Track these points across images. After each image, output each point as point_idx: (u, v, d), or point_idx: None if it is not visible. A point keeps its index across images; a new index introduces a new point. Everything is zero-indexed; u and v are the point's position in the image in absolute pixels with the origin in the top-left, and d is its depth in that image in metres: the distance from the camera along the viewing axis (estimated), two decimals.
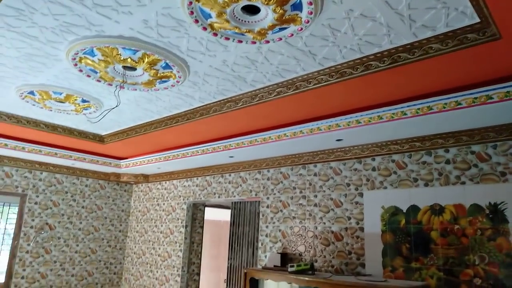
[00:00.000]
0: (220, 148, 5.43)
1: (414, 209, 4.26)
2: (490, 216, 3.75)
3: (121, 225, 8.13)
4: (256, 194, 5.95)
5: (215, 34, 2.77)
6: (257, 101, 3.93)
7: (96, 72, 3.52)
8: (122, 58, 3.16)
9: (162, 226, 7.45)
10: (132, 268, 7.85)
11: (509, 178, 3.73)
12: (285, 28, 2.66)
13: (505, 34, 2.54)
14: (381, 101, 3.78)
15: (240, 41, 2.84)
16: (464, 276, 3.78)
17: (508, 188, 3.70)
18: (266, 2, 2.35)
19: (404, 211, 4.32)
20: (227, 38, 2.81)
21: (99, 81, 3.71)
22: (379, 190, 4.59)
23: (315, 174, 5.28)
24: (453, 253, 3.89)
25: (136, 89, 3.87)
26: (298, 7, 2.40)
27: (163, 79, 3.61)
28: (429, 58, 2.90)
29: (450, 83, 3.31)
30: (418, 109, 3.61)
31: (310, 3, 2.35)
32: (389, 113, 3.77)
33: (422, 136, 4.25)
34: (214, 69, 3.41)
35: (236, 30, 2.67)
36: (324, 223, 5.01)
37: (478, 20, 2.51)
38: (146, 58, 3.16)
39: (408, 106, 3.65)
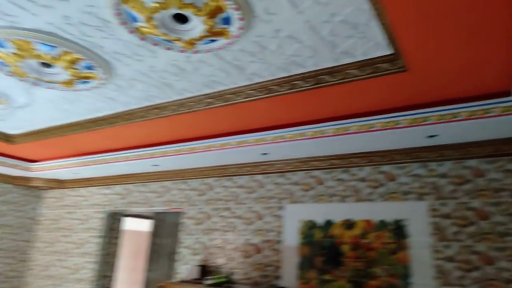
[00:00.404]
0: (144, 156, 5.24)
1: (329, 223, 4.50)
2: (394, 231, 4.10)
3: (26, 234, 7.37)
4: (179, 205, 5.82)
5: (143, 39, 2.69)
6: (185, 110, 3.88)
7: (6, 66, 3.20)
8: (37, 54, 2.92)
9: (74, 236, 6.91)
10: (34, 282, 7.13)
11: (411, 197, 4.13)
12: (214, 41, 2.69)
13: (411, 67, 2.84)
14: (304, 119, 3.97)
15: (169, 48, 2.80)
16: (369, 287, 4.07)
17: (410, 206, 4.10)
18: (196, 13, 2.35)
19: (321, 225, 4.55)
20: (156, 44, 2.75)
21: (10, 75, 3.37)
22: (299, 204, 4.78)
23: (240, 186, 5.33)
24: (361, 265, 4.17)
25: (53, 88, 3.59)
26: (227, 21, 2.45)
27: (84, 80, 3.40)
28: (348, 83, 3.13)
29: (365, 107, 3.60)
30: (337, 129, 3.85)
31: (241, 19, 2.41)
32: (311, 131, 3.97)
33: (341, 154, 4.54)
34: (141, 74, 3.30)
35: (165, 37, 2.63)
36: (245, 235, 5.06)
37: (390, 52, 2.77)
38: (66, 56, 2.96)
39: (328, 126, 3.88)
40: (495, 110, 3.18)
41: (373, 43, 2.70)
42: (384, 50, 2.77)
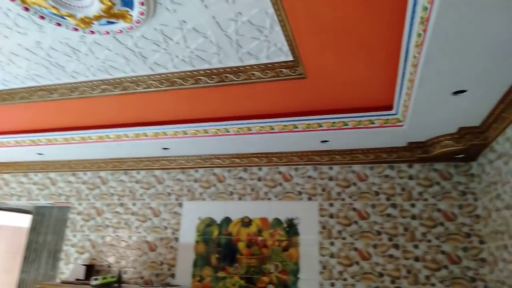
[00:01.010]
0: (26, 143, 4.64)
1: (227, 221, 4.54)
2: (287, 229, 4.31)
3: None
4: (66, 199, 5.29)
5: (27, 9, 2.36)
6: (77, 95, 3.53)
7: None
8: None
9: None
10: None
11: (304, 197, 4.38)
12: (113, 23, 2.48)
13: (310, 74, 2.99)
14: (208, 116, 3.93)
15: (59, 24, 2.51)
16: (261, 283, 4.20)
17: (302, 205, 4.35)
18: None
19: (218, 222, 4.56)
20: (42, 17, 2.44)
21: None
22: (198, 201, 4.72)
23: (137, 182, 5.06)
24: (255, 262, 4.29)
25: None
26: (128, 4, 2.28)
27: None
28: (252, 84, 3.17)
29: (267, 109, 3.70)
30: (240, 128, 3.89)
31: (142, 3, 2.27)
32: (214, 129, 3.95)
33: (242, 153, 4.60)
34: (25, 49, 2.91)
35: (54, 11, 2.34)
36: (140, 233, 4.82)
37: (292, 58, 2.89)
38: None
39: (231, 125, 3.90)
40: (378, 121, 3.54)
41: (276, 48, 2.78)
42: (286, 56, 2.87)
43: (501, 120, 2.91)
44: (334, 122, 3.63)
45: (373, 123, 3.56)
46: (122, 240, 4.85)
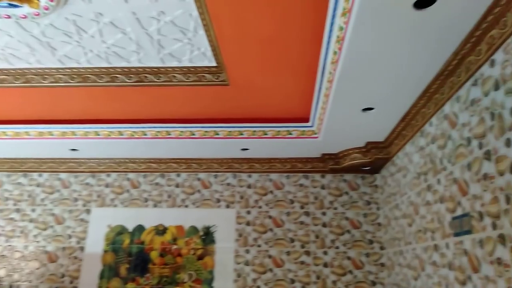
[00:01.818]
0: None
1: (140, 229, 4.31)
2: (203, 237, 4.23)
3: None
4: None
5: None
6: None
7: None
8: None
9: None
10: None
11: (222, 204, 4.36)
12: (16, 6, 2.22)
13: (232, 82, 3.00)
14: (124, 117, 3.71)
15: None
16: None
17: (220, 213, 4.31)
18: None
19: (130, 230, 4.30)
20: None
21: None
22: (109, 208, 4.42)
23: (38, 185, 4.56)
24: (168, 272, 4.12)
25: None
26: None
27: None
28: (173, 86, 3.08)
29: (188, 114, 3.62)
30: (158, 132, 3.74)
31: None
32: (130, 131, 3.74)
33: (159, 158, 4.43)
34: None
35: None
36: (38, 242, 4.34)
37: (215, 64, 2.86)
38: None
39: (149, 127, 3.73)
40: (295, 132, 3.68)
41: (200, 52, 2.73)
42: (210, 61, 2.84)
43: (402, 137, 3.22)
44: (254, 131, 3.68)
45: (290, 134, 3.69)
46: (16, 251, 4.32)
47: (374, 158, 3.70)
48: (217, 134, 3.73)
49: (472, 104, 2.05)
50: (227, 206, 4.35)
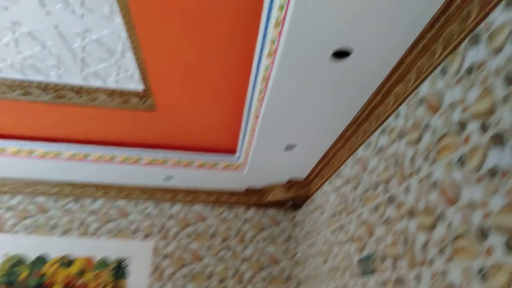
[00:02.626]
0: None
1: (42, 259, 3.87)
2: (115, 270, 3.93)
3: None
4: None
5: None
6: None
7: None
8: None
9: None
10: None
11: (139, 235, 4.12)
12: None
13: (159, 108, 2.93)
14: (37, 135, 3.41)
15: None
16: None
17: (136, 245, 4.06)
18: None
19: (31, 261, 3.85)
20: None
21: None
22: (7, 235, 3.93)
23: None
24: None
25: None
26: None
27: None
28: (94, 107, 2.92)
29: (109, 136, 3.43)
30: (75, 154, 3.49)
31: None
32: (43, 150, 3.44)
33: (75, 182, 4.11)
34: None
35: None
36: None
37: (143, 88, 2.79)
38: None
39: (65, 148, 3.46)
40: (222, 164, 3.67)
41: (127, 74, 2.66)
42: (137, 85, 2.77)
43: (321, 176, 3.37)
44: (180, 160, 3.60)
45: (217, 165, 3.67)
46: None
47: (296, 195, 3.81)
48: (140, 160, 3.57)
49: (380, 151, 2.22)
50: (145, 237, 4.12)
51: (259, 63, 2.19)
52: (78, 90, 2.82)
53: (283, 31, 1.74)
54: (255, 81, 2.37)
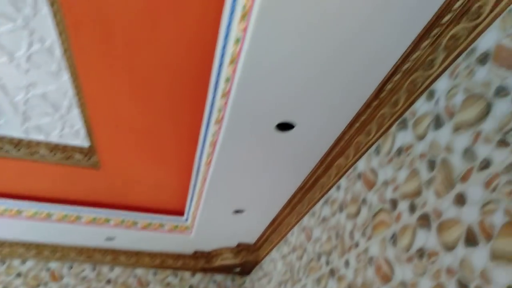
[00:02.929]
0: None
1: None
2: None
3: None
4: None
5: None
6: None
7: None
8: None
9: None
10: None
11: None
12: None
13: (104, 165, 2.83)
14: None
15: None
16: None
17: None
18: None
19: None
20: None
21: None
22: None
23: None
24: None
25: None
26: None
27: None
28: (34, 161, 2.77)
29: (47, 192, 3.22)
30: (6, 209, 3.22)
31: None
32: None
33: (2, 240, 3.74)
34: None
35: None
36: None
37: (87, 145, 2.70)
38: None
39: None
40: (168, 225, 3.52)
41: (72, 130, 2.57)
42: (82, 141, 2.68)
43: (269, 242, 3.31)
44: (123, 220, 3.41)
45: (163, 226, 3.51)
46: None
47: (244, 260, 3.68)
48: (80, 219, 3.35)
49: (323, 221, 2.24)
50: None
51: (207, 128, 2.21)
52: (17, 143, 2.68)
53: (229, 101, 1.79)
54: (203, 145, 2.37)
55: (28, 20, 1.82)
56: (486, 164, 1.11)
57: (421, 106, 1.43)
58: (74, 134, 2.63)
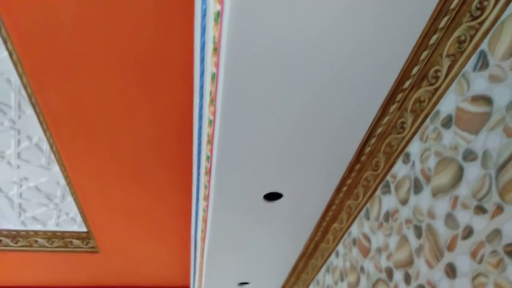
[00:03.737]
0: None
1: None
2: None
3: None
4: None
5: None
6: None
7: None
8: None
9: None
10: None
11: None
12: None
13: (102, 249, 2.79)
14: None
15: None
16: None
17: None
18: None
19: None
20: None
21: None
22: None
23: None
24: None
25: None
26: None
27: None
28: (33, 252, 2.75)
29: (49, 281, 3.16)
30: None
31: None
32: None
33: None
34: None
35: None
36: None
37: (84, 230, 2.68)
38: None
39: None
40: None
41: (69, 217, 2.57)
42: (80, 226, 2.67)
43: None
44: None
45: None
46: None
47: None
48: None
49: None
50: None
51: (197, 204, 2.19)
52: (15, 235, 2.68)
53: (211, 179, 1.78)
54: (196, 221, 2.33)
55: (14, 122, 1.90)
56: (469, 232, 1.05)
57: (400, 169, 1.39)
58: (71, 221, 2.63)
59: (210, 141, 1.63)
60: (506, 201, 0.92)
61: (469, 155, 1.05)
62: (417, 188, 1.29)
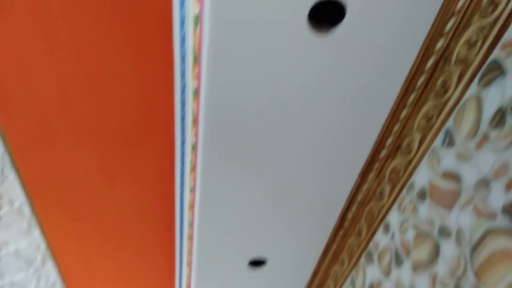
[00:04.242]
0: None
1: None
2: None
3: None
4: None
5: None
6: None
7: None
8: None
9: None
10: None
11: None
12: None
13: None
14: None
15: None
16: None
17: None
18: None
19: None
20: None
21: None
22: None
23: None
24: None
25: None
26: None
27: None
28: None
29: None
30: None
31: None
32: None
33: None
34: None
35: None
36: None
37: None
38: None
39: None
40: None
41: (48, 282, 2.47)
42: None
43: None
44: None
45: None
46: None
47: None
48: None
49: None
50: None
51: (180, 272, 2.12)
52: None
53: (193, 245, 1.74)
54: (180, 275, 2.25)
55: None
56: None
57: (381, 238, 1.37)
58: (51, 286, 2.52)
59: (191, 206, 1.61)
60: (483, 282, 0.90)
61: (444, 231, 1.04)
62: (398, 261, 1.26)
